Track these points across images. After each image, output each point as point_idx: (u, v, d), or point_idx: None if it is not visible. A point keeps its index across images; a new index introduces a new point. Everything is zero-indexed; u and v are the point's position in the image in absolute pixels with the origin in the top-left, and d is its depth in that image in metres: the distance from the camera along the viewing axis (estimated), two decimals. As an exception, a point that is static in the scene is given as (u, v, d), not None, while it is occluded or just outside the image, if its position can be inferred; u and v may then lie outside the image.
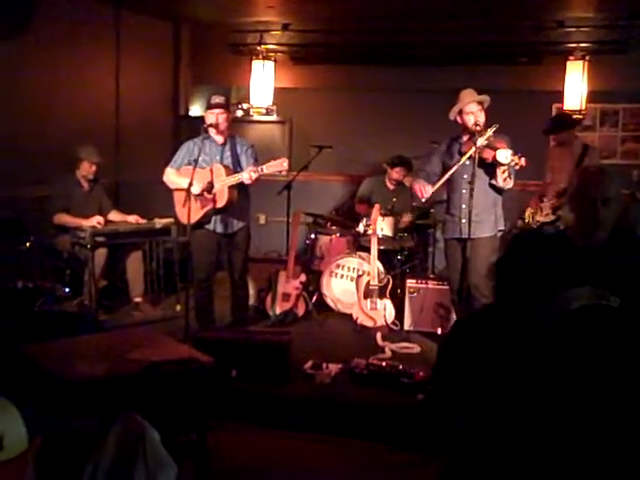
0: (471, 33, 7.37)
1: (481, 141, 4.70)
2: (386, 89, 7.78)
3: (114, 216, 6.34)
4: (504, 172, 4.68)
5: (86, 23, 6.72)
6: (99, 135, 6.77)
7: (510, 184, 4.81)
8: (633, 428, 2.38)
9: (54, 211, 6.04)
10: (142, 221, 6.26)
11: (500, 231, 5.11)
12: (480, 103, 4.90)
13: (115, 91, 7.37)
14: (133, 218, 6.27)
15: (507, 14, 6.84)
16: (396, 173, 6.92)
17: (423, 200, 5.14)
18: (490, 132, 4.70)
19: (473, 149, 4.71)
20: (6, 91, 5.96)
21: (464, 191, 4.86)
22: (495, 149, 4.65)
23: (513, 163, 4.58)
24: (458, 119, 4.96)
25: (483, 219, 4.95)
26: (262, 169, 5.07)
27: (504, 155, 4.57)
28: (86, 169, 6.16)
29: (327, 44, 7.90)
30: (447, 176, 4.92)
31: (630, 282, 2.84)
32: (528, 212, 6.55)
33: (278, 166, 5.09)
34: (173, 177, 5.37)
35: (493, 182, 4.84)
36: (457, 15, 6.99)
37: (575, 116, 7.27)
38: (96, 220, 6.02)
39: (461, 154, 4.91)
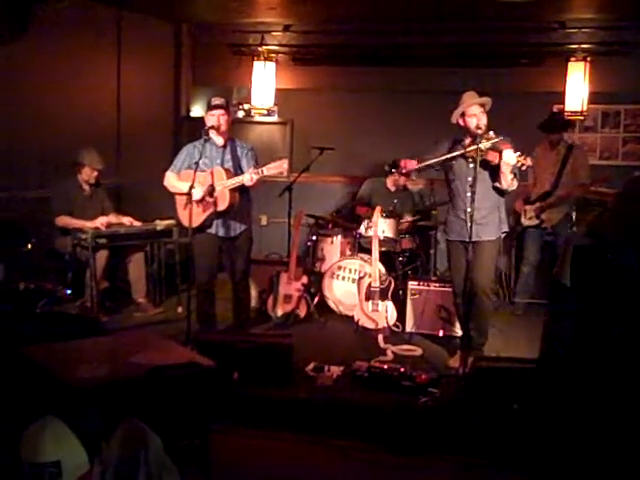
0: (473, 34, 7.37)
1: (485, 144, 4.69)
2: (388, 90, 7.78)
3: (111, 218, 6.32)
4: (510, 173, 4.68)
5: (87, 24, 6.71)
6: (100, 136, 6.78)
7: (515, 185, 4.80)
8: None
9: (56, 213, 6.04)
10: (137, 223, 6.26)
11: (504, 233, 5.10)
12: (482, 105, 4.89)
13: (116, 92, 7.36)
14: (127, 220, 6.26)
15: (508, 15, 6.83)
16: (393, 180, 6.92)
17: (406, 172, 5.11)
18: (496, 140, 4.68)
19: (473, 147, 4.70)
20: (7, 94, 5.96)
21: (467, 194, 4.85)
22: (500, 150, 4.64)
23: (519, 164, 4.58)
24: (460, 122, 4.95)
25: (487, 221, 4.94)
26: (262, 171, 5.06)
27: (510, 156, 4.57)
28: (87, 174, 6.16)
29: (328, 45, 7.90)
30: (434, 160, 4.92)
31: None
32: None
33: (278, 167, 5.08)
34: (174, 181, 5.36)
35: (497, 185, 4.83)
36: (458, 16, 6.99)
37: (576, 117, 7.30)
38: (100, 221, 6.03)
39: (464, 157, 4.90)
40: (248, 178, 5.06)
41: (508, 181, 4.75)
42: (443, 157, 4.90)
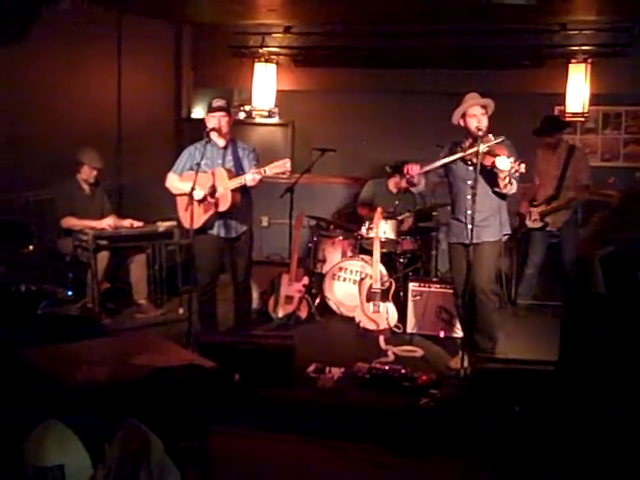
0: (474, 36, 7.38)
1: (483, 147, 4.69)
2: (388, 92, 7.78)
3: (112, 220, 6.32)
4: (505, 178, 4.67)
5: (88, 25, 6.71)
6: (101, 138, 6.78)
7: (512, 190, 4.79)
8: None
9: (61, 215, 6.04)
10: (137, 224, 6.26)
11: (505, 235, 5.10)
12: (484, 107, 4.88)
13: (117, 94, 7.36)
14: (128, 222, 6.26)
15: (509, 17, 6.83)
16: (394, 182, 6.93)
17: (410, 179, 5.11)
18: (494, 142, 4.68)
19: (470, 151, 4.70)
20: (9, 95, 5.96)
21: (468, 196, 4.84)
22: (495, 156, 4.63)
23: (513, 170, 4.56)
24: (461, 122, 4.95)
25: (488, 224, 4.94)
26: (265, 171, 5.06)
27: (503, 162, 4.55)
28: (87, 173, 6.16)
29: (329, 47, 7.90)
30: (437, 164, 4.91)
31: None
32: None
33: (281, 167, 5.07)
34: (176, 182, 5.37)
35: (496, 189, 4.84)
36: (459, 18, 6.99)
37: (577, 119, 7.30)
38: (106, 222, 6.04)
39: (463, 160, 4.90)
40: (250, 178, 5.06)
41: (502, 186, 4.74)
42: (445, 160, 4.90)
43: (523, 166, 4.56)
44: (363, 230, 6.52)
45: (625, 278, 2.88)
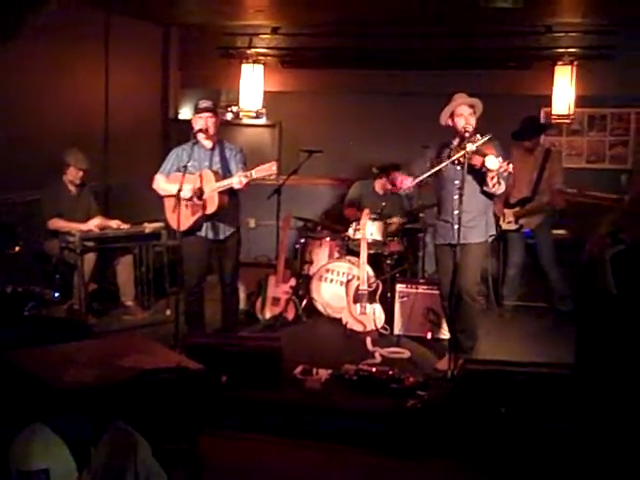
0: (461, 38, 7.40)
1: (470, 147, 4.70)
2: (376, 93, 7.79)
3: (98, 221, 6.29)
4: (493, 178, 4.68)
5: (75, 26, 6.68)
6: (88, 138, 6.77)
7: (501, 190, 4.81)
8: None
9: (48, 216, 6.02)
10: (124, 226, 6.24)
11: (491, 236, 5.12)
12: (471, 107, 4.89)
13: (104, 94, 7.34)
14: (115, 223, 6.24)
15: (496, 19, 6.86)
16: (381, 184, 6.94)
17: (401, 192, 5.11)
18: (482, 140, 4.68)
19: (461, 153, 4.72)
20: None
21: (455, 197, 4.85)
22: (484, 155, 4.64)
23: (502, 169, 4.57)
24: (449, 122, 4.96)
25: (475, 224, 4.95)
26: (251, 174, 5.07)
27: (493, 162, 4.56)
28: (73, 174, 6.14)
29: (317, 48, 7.91)
30: (428, 174, 4.88)
31: None
32: None
33: (267, 170, 5.07)
34: (163, 184, 5.36)
35: (485, 188, 4.85)
36: (447, 20, 7.01)
37: (562, 121, 7.33)
38: (93, 223, 6.03)
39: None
40: (237, 181, 5.06)
41: (491, 186, 4.76)
42: (437, 167, 4.86)
43: (511, 166, 4.59)
44: (350, 231, 6.51)
45: (636, 277, 2.90)
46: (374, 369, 4.83)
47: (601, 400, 2.91)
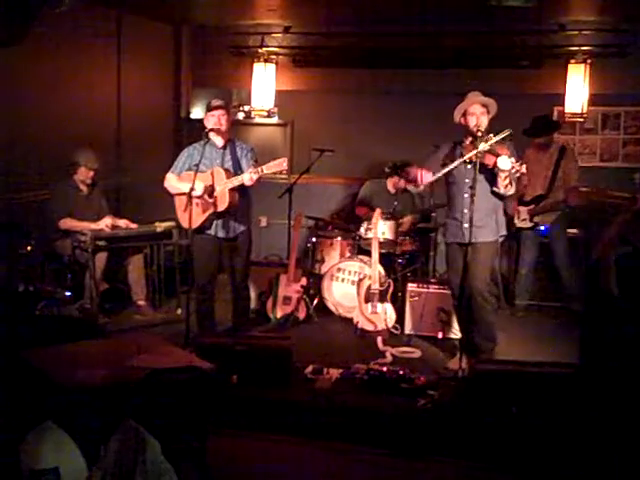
0: (472, 36, 7.37)
1: (483, 145, 4.68)
2: (388, 92, 7.77)
3: (109, 220, 6.31)
4: (505, 179, 4.66)
5: (87, 26, 6.70)
6: (100, 138, 6.78)
7: (512, 191, 4.79)
8: None
9: (59, 216, 6.03)
10: (132, 225, 6.25)
11: (502, 236, 5.09)
12: (484, 106, 4.88)
13: (116, 94, 7.35)
14: (123, 222, 6.25)
15: (508, 18, 6.82)
16: (393, 182, 6.91)
17: (420, 187, 5.10)
18: (496, 139, 4.66)
19: (474, 152, 4.69)
20: (8, 96, 5.95)
21: (466, 195, 4.84)
22: (496, 155, 4.62)
23: (514, 170, 4.55)
24: (462, 120, 4.95)
25: (485, 224, 4.93)
26: (262, 169, 5.06)
27: (505, 162, 4.54)
28: (84, 174, 6.15)
29: (328, 47, 7.89)
30: (446, 170, 4.86)
31: None
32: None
33: (278, 166, 5.07)
34: (174, 183, 5.36)
35: (495, 189, 4.83)
36: (458, 19, 6.98)
37: (576, 119, 7.29)
38: (104, 223, 6.04)
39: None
40: (248, 177, 5.06)
41: (502, 186, 4.74)
42: (455, 163, 4.85)
43: (524, 167, 4.56)
44: (362, 230, 6.51)
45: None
46: (385, 369, 4.82)
47: (605, 399, 2.90)
